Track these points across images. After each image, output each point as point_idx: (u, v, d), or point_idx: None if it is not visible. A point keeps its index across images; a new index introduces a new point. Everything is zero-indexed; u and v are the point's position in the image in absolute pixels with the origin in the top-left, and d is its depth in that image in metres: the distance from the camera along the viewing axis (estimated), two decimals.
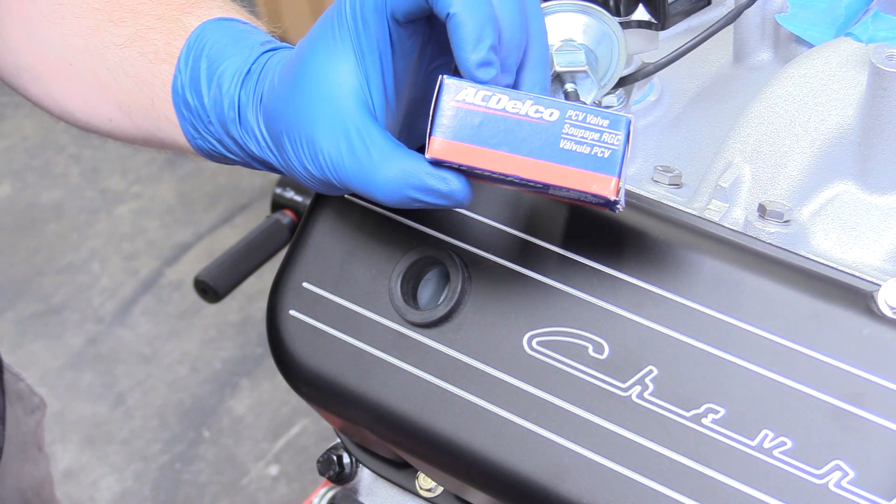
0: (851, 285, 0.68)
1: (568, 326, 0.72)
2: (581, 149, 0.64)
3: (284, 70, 0.71)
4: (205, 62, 0.76)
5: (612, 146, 0.64)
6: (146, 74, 0.80)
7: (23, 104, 3.49)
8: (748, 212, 0.77)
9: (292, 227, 1.42)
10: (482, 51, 0.64)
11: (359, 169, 0.67)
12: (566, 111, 0.64)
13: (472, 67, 0.64)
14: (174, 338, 2.65)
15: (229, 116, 0.75)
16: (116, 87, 0.82)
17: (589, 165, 0.64)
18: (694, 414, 0.68)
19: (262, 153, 0.75)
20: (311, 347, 0.78)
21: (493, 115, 0.65)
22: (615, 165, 0.64)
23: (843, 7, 0.89)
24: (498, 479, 0.72)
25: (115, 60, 0.82)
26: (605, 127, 0.64)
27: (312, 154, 0.69)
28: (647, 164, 0.86)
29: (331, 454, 0.89)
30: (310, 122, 0.69)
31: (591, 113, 0.64)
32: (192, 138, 0.79)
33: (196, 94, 0.76)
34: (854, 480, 0.64)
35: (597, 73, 0.79)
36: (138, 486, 2.39)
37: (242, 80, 0.74)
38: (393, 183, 0.67)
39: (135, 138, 0.84)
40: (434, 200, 0.66)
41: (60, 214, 2.96)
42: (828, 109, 0.78)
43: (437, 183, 0.66)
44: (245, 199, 2.94)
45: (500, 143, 0.65)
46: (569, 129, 0.64)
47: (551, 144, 0.64)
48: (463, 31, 0.64)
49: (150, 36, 0.80)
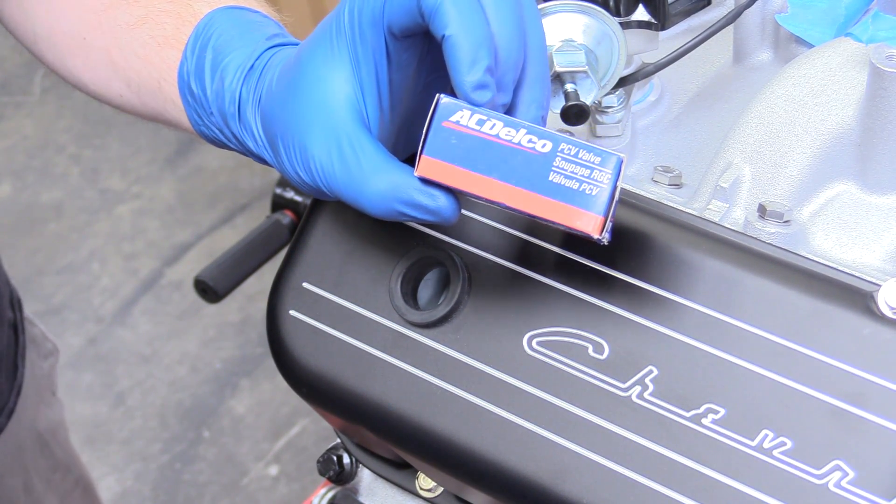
0: (851, 285, 0.68)
1: (568, 326, 0.72)
2: (570, 183, 0.64)
3: (283, 73, 0.71)
4: (210, 53, 0.76)
5: (600, 184, 0.64)
6: (154, 57, 0.81)
7: (23, 104, 3.49)
8: (748, 212, 0.77)
9: (292, 227, 1.42)
10: (478, 73, 0.63)
11: (348, 179, 0.67)
12: (559, 144, 0.64)
13: (467, 90, 0.64)
14: (174, 338, 2.65)
15: (230, 111, 0.75)
16: (126, 65, 0.83)
17: (575, 201, 0.64)
18: (694, 414, 0.68)
19: (258, 151, 0.75)
20: (311, 347, 0.78)
21: (486, 141, 0.64)
22: (602, 204, 0.64)
23: (843, 7, 0.89)
24: (498, 479, 0.72)
25: (125, 40, 0.82)
26: (596, 164, 0.64)
27: (304, 161, 0.69)
28: (647, 164, 0.86)
29: (331, 454, 0.89)
30: (303, 128, 0.69)
31: (583, 148, 0.64)
32: (195, 124, 0.79)
33: (200, 84, 0.77)
34: (854, 480, 0.64)
35: (597, 73, 0.79)
36: (138, 486, 2.39)
37: (245, 76, 0.75)
38: (381, 195, 0.66)
39: (144, 115, 0.85)
40: (421, 216, 0.66)
41: (60, 214, 2.96)
42: (828, 109, 0.78)
43: (425, 199, 0.66)
44: (245, 199, 2.94)
45: (490, 168, 0.64)
46: (559, 163, 0.64)
47: (540, 176, 0.64)
48: (458, 54, 0.63)
49: (161, 19, 0.80)
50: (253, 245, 1.41)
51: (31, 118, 3.23)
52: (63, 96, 3.25)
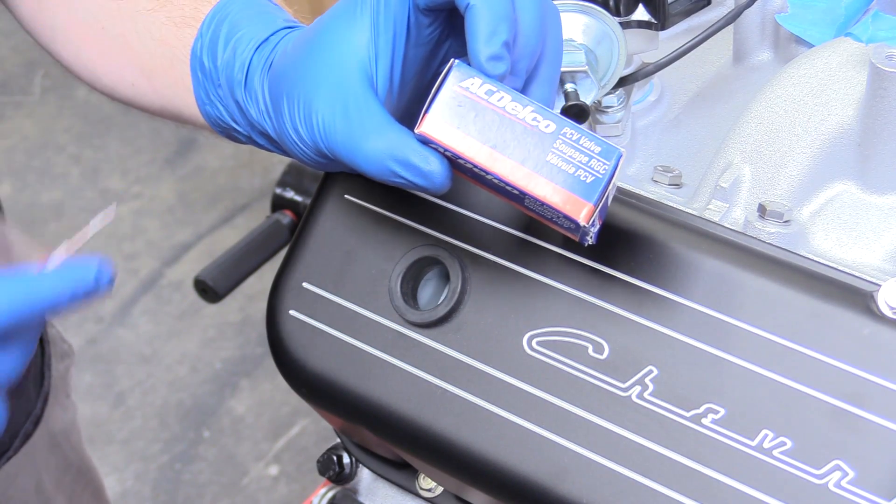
0: (851, 285, 0.68)
1: (568, 326, 0.72)
2: (566, 167, 0.64)
3: (300, 38, 0.73)
4: (226, 27, 0.78)
5: (596, 173, 0.64)
6: (171, 38, 0.82)
7: (23, 104, 3.48)
8: (748, 212, 0.77)
9: (292, 227, 1.42)
10: (495, 45, 0.65)
11: (348, 136, 0.69)
12: (563, 127, 0.64)
13: (482, 59, 0.65)
14: (174, 338, 2.65)
15: (237, 79, 0.76)
16: (142, 49, 0.84)
17: (568, 185, 0.64)
18: (694, 414, 0.68)
19: (259, 118, 0.76)
20: (311, 347, 0.78)
21: (492, 111, 0.65)
22: (594, 193, 0.64)
23: (843, 7, 0.89)
24: (498, 479, 0.72)
25: (143, 24, 0.84)
26: (596, 153, 0.64)
27: (307, 116, 0.70)
28: (647, 164, 0.86)
29: (331, 454, 0.89)
30: (312, 84, 0.70)
31: (585, 136, 0.64)
32: (202, 104, 0.80)
33: (211, 56, 0.78)
34: (854, 480, 0.64)
35: (597, 73, 0.79)
36: (138, 487, 2.39)
37: (258, 47, 0.76)
38: (377, 153, 0.67)
39: (153, 106, 0.86)
40: (412, 178, 0.67)
41: (60, 214, 2.96)
42: (828, 109, 0.78)
43: (419, 160, 0.67)
44: (245, 199, 2.94)
45: (490, 139, 0.65)
46: (560, 145, 0.64)
47: (539, 154, 0.64)
48: (479, 23, 0.65)
49: (180, 1, 0.82)
50: (253, 245, 1.41)
51: (31, 118, 3.22)
52: (63, 96, 3.24)
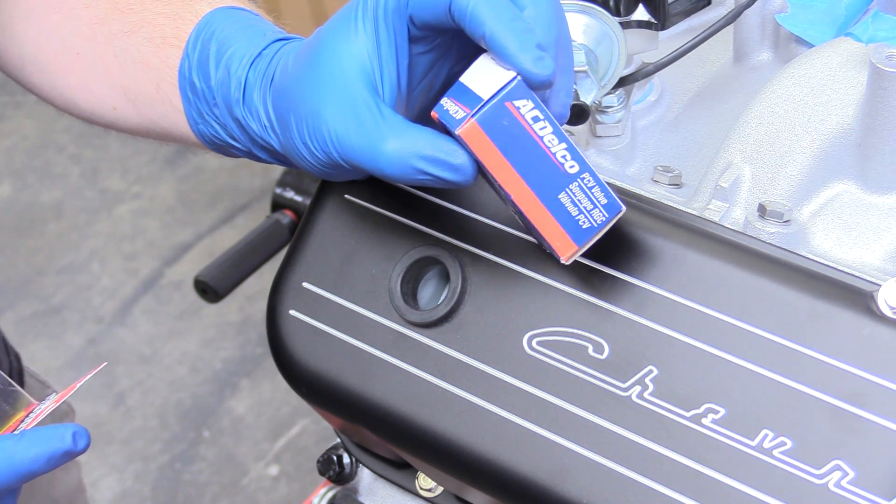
0: (851, 285, 0.68)
1: (568, 326, 0.72)
2: (571, 209, 0.68)
3: (301, 52, 0.72)
4: (214, 45, 0.77)
5: (593, 221, 0.68)
6: (153, 59, 0.80)
7: (23, 104, 3.49)
8: (748, 212, 0.77)
9: (292, 227, 1.42)
10: (531, 51, 0.65)
11: (364, 141, 0.68)
12: (583, 172, 0.67)
13: (530, 67, 0.65)
14: (174, 338, 2.65)
15: (234, 97, 0.75)
16: (122, 73, 0.82)
17: (565, 224, 0.68)
18: (694, 414, 0.68)
19: (263, 132, 0.75)
20: (311, 347, 0.78)
21: (531, 137, 0.67)
22: (585, 238, 0.68)
23: (843, 7, 0.89)
24: (498, 479, 0.72)
25: (122, 47, 0.82)
26: (601, 204, 0.68)
27: (316, 129, 0.69)
28: (647, 163, 0.86)
29: (331, 454, 0.89)
30: (318, 98, 0.69)
31: (599, 186, 0.67)
32: (194, 123, 0.79)
33: (203, 77, 0.77)
34: (854, 480, 0.64)
35: (597, 73, 0.79)
36: (138, 486, 2.39)
37: (252, 62, 0.75)
38: (399, 153, 0.67)
39: (138, 128, 0.85)
40: (441, 174, 0.67)
41: (60, 214, 2.96)
42: (828, 109, 0.78)
43: (447, 155, 0.67)
44: (245, 199, 2.94)
45: (518, 161, 0.67)
46: (574, 188, 0.67)
47: (553, 191, 0.67)
48: (505, 45, 0.65)
49: (158, 21, 0.80)
50: (253, 245, 1.41)
51: (31, 118, 3.22)
52: None
